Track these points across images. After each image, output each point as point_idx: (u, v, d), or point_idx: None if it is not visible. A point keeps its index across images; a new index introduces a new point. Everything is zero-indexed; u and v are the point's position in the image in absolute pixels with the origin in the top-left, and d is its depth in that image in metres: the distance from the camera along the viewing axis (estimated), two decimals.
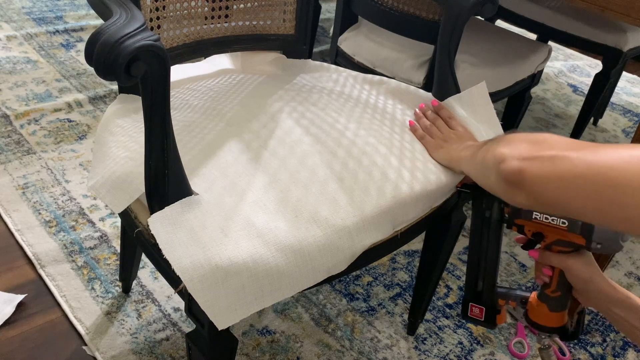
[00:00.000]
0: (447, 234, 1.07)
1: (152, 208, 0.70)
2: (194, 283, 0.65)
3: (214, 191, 0.75)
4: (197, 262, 0.66)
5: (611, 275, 1.54)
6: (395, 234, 0.86)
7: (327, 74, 1.14)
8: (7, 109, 1.75)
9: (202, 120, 0.90)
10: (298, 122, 0.91)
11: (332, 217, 0.75)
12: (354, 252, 0.77)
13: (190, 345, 0.81)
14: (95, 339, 1.12)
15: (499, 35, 1.64)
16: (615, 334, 1.35)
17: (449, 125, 0.96)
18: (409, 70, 1.40)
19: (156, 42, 0.63)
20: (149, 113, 0.67)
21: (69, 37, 2.25)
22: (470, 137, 0.94)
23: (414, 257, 1.47)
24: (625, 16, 1.08)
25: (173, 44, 0.97)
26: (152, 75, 0.64)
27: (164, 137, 0.68)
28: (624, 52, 1.79)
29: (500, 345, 1.26)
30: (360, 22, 1.55)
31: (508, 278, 1.46)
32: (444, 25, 1.03)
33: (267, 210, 0.74)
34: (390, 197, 0.81)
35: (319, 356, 1.17)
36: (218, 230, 0.69)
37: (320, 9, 2.28)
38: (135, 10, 0.69)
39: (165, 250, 0.67)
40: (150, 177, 0.70)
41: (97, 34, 0.61)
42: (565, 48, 3.08)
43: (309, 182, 0.79)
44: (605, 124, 2.37)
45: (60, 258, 1.28)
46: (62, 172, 1.54)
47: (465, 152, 0.84)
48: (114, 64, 0.60)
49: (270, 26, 1.10)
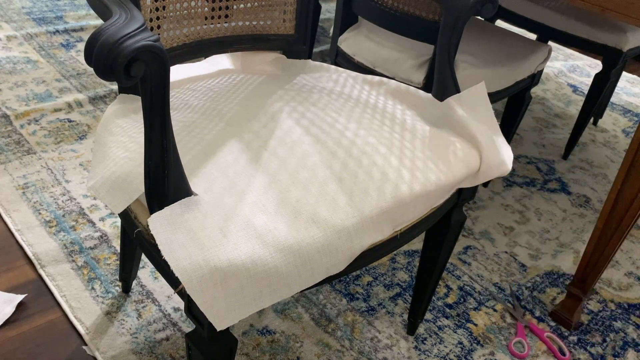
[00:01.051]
0: (447, 234, 1.07)
1: (151, 208, 0.71)
2: (193, 284, 0.65)
3: (214, 192, 0.75)
4: (196, 263, 0.66)
5: (611, 275, 1.54)
6: (395, 234, 0.86)
7: (327, 74, 1.14)
8: (7, 109, 1.75)
9: (202, 121, 0.90)
10: (298, 122, 0.91)
11: (332, 217, 0.75)
12: (353, 252, 0.77)
13: (190, 346, 0.81)
14: (95, 338, 1.12)
15: (499, 35, 1.64)
16: (615, 334, 1.35)
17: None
18: (409, 70, 1.40)
19: (156, 43, 0.63)
20: (148, 113, 0.67)
21: (69, 37, 2.25)
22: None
23: (414, 257, 1.47)
24: (625, 16, 1.08)
25: (173, 44, 0.97)
26: (152, 76, 0.64)
27: (163, 137, 0.68)
28: (624, 52, 1.79)
29: (500, 345, 1.26)
30: (360, 22, 1.55)
31: (508, 278, 1.46)
32: (443, 25, 1.03)
33: (267, 211, 0.74)
34: (390, 198, 0.81)
35: (319, 356, 1.17)
36: (217, 231, 0.69)
37: (320, 9, 2.27)
38: (135, 10, 0.69)
39: (164, 250, 0.67)
40: (150, 177, 0.70)
41: (96, 34, 0.62)
42: (565, 48, 3.08)
43: (309, 183, 0.79)
44: (605, 124, 2.37)
45: (60, 258, 1.28)
46: (62, 172, 1.54)
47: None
48: (113, 64, 0.60)
49: (270, 26, 1.10)
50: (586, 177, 1.97)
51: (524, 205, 1.75)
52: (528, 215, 1.72)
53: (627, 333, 1.36)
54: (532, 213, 1.73)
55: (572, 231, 1.68)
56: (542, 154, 2.06)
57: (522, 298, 1.40)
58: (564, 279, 1.50)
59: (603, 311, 1.41)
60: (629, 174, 1.12)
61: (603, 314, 1.41)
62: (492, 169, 0.96)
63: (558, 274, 1.51)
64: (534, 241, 1.61)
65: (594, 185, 1.92)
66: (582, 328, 1.35)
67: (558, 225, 1.70)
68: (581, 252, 1.59)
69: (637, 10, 1.06)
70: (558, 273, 1.51)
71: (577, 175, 1.97)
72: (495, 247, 1.56)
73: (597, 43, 1.82)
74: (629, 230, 1.18)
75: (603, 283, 1.51)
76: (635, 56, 1.95)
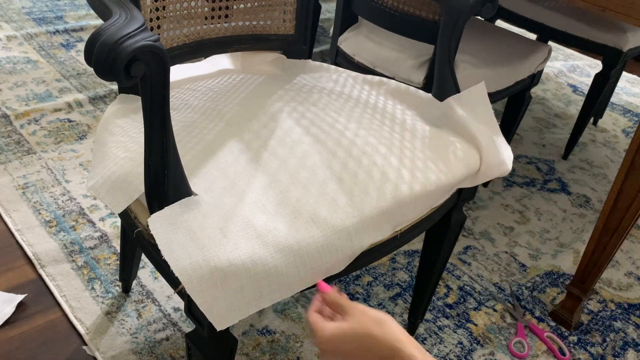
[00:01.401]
0: (447, 234, 1.07)
1: (151, 208, 0.71)
2: (193, 284, 0.65)
3: (214, 192, 0.75)
4: (196, 263, 0.66)
5: (611, 275, 1.54)
6: (395, 234, 0.86)
7: (327, 75, 1.14)
8: (7, 109, 1.75)
9: (202, 121, 0.90)
10: (298, 122, 0.91)
11: (332, 217, 0.75)
12: (353, 252, 0.77)
13: (190, 346, 0.81)
14: (95, 338, 1.12)
15: (499, 35, 1.64)
16: (615, 334, 1.35)
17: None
18: (409, 70, 1.40)
19: (156, 43, 0.63)
20: (148, 113, 0.67)
21: (69, 37, 2.25)
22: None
23: (414, 257, 1.47)
24: (625, 16, 1.08)
25: (173, 44, 0.97)
26: (152, 76, 0.64)
27: (163, 137, 0.68)
28: (624, 52, 1.79)
29: (500, 345, 1.26)
30: (360, 22, 1.55)
31: (508, 278, 1.46)
32: (443, 25, 1.03)
33: (267, 211, 0.74)
34: (389, 198, 0.81)
35: (319, 356, 1.17)
36: (217, 231, 0.69)
37: (320, 9, 2.27)
38: (135, 10, 0.69)
39: (164, 251, 0.67)
40: (150, 177, 0.70)
41: (96, 34, 0.61)
42: (565, 48, 3.08)
43: (309, 183, 0.79)
44: (605, 124, 2.37)
45: (60, 258, 1.28)
46: (62, 172, 1.54)
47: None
48: (113, 64, 0.60)
49: (270, 26, 1.10)
50: (586, 177, 1.97)
51: (524, 205, 1.75)
52: (528, 215, 1.71)
53: (627, 333, 1.36)
54: (532, 213, 1.73)
55: (572, 231, 1.68)
56: (542, 154, 2.06)
57: (522, 298, 1.40)
58: (564, 279, 1.50)
59: (603, 311, 1.41)
60: (629, 174, 1.12)
61: (603, 314, 1.41)
62: (492, 169, 0.96)
63: (558, 274, 1.51)
64: (534, 241, 1.61)
65: (594, 185, 1.92)
66: (582, 328, 1.35)
67: (558, 225, 1.70)
68: (581, 252, 1.59)
69: (637, 10, 1.06)
70: (558, 273, 1.51)
71: (577, 175, 1.97)
72: (495, 247, 1.56)
73: (597, 43, 1.82)
74: (629, 230, 1.18)
75: (603, 283, 1.51)
76: (635, 56, 1.95)
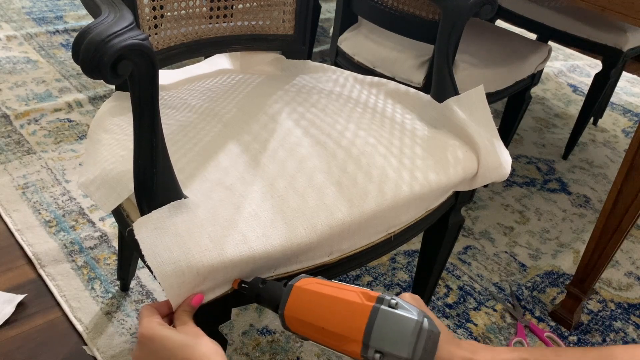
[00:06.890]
0: (445, 236, 1.07)
1: (141, 208, 0.69)
2: (173, 289, 0.64)
3: (207, 196, 0.73)
4: (179, 268, 0.64)
5: (611, 275, 1.54)
6: (388, 236, 0.85)
7: (327, 75, 1.14)
8: (7, 109, 1.75)
9: (199, 122, 0.89)
10: (297, 123, 0.91)
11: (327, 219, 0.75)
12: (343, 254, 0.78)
13: None
14: (95, 338, 1.12)
15: (499, 35, 1.64)
16: (615, 334, 1.35)
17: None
18: (409, 70, 1.40)
19: (143, 42, 0.62)
20: (137, 112, 0.66)
21: (69, 37, 2.26)
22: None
23: (414, 257, 1.47)
24: (625, 16, 1.08)
25: (171, 44, 0.97)
26: (140, 75, 0.63)
27: (152, 136, 0.67)
28: (624, 52, 1.79)
29: (500, 345, 1.26)
30: (360, 22, 1.55)
31: (508, 278, 1.46)
32: (442, 27, 1.03)
33: (261, 222, 0.72)
34: (385, 200, 0.80)
35: (319, 356, 1.17)
36: (205, 236, 0.67)
37: (320, 9, 2.28)
38: (125, 9, 0.68)
39: (148, 256, 0.65)
40: (139, 177, 0.69)
41: (84, 32, 0.61)
42: (565, 48, 3.07)
43: (306, 190, 0.77)
44: (605, 123, 2.37)
45: (60, 258, 1.28)
46: (62, 172, 1.54)
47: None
48: (99, 62, 0.59)
49: (269, 26, 1.10)
50: (586, 177, 1.97)
51: (524, 205, 1.75)
52: (528, 215, 1.71)
53: (627, 333, 1.36)
54: (532, 213, 1.73)
55: (572, 231, 1.68)
56: (542, 154, 2.06)
57: (522, 298, 1.40)
58: (563, 279, 1.50)
59: (603, 311, 1.41)
60: (629, 174, 1.12)
61: (603, 314, 1.41)
62: (490, 173, 0.96)
63: (558, 274, 1.51)
64: (534, 241, 1.61)
65: (594, 185, 1.92)
66: (582, 328, 1.35)
67: (558, 225, 1.69)
68: (581, 252, 1.59)
69: (637, 10, 1.06)
70: (558, 273, 1.51)
71: (577, 175, 1.97)
72: (495, 247, 1.56)
73: (597, 43, 1.82)
74: (629, 230, 1.18)
75: (603, 283, 1.51)
76: (635, 56, 1.95)
